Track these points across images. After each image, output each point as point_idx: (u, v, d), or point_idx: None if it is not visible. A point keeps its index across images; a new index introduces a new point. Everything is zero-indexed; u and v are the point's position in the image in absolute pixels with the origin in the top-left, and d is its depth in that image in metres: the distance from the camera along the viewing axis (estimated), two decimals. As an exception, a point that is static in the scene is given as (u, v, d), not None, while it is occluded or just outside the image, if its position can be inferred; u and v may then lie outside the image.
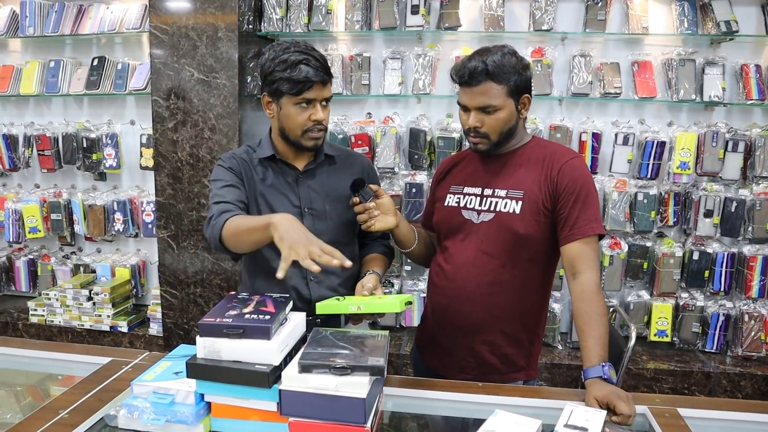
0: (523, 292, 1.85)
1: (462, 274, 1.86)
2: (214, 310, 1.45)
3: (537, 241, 1.81)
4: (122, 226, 3.69)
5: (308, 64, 1.75)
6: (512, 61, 1.77)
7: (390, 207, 1.90)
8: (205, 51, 3.17)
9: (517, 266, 1.82)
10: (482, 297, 1.83)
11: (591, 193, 1.79)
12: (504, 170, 1.86)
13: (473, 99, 1.78)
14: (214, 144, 3.21)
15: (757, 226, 3.19)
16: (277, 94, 1.79)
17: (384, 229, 1.89)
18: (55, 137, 3.73)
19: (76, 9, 3.61)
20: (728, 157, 3.20)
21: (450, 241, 1.92)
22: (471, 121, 1.80)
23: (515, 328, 1.86)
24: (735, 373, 3.18)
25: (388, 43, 3.48)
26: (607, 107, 3.39)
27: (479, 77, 1.74)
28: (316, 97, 1.78)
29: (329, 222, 1.91)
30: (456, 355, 1.90)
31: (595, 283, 1.73)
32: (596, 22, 3.22)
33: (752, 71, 3.19)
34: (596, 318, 1.69)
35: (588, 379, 1.61)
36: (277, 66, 1.76)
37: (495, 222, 1.82)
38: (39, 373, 1.93)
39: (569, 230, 1.77)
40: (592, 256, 1.76)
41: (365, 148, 3.34)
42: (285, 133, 1.84)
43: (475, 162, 1.94)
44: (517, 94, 1.79)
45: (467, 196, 1.90)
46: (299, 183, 1.91)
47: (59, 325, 3.65)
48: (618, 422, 1.46)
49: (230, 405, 1.39)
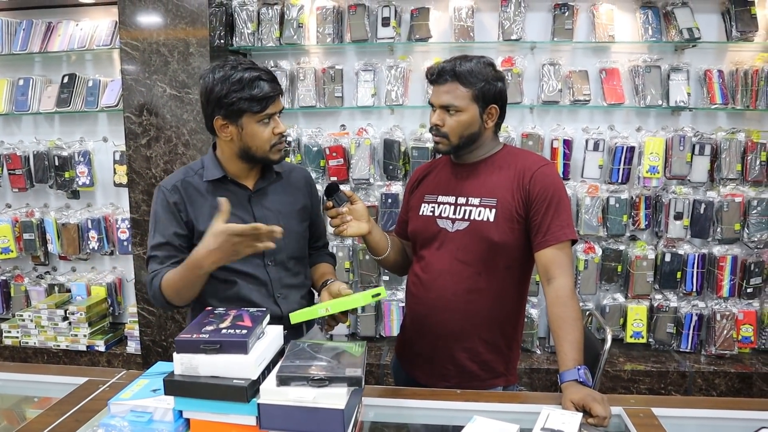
0: (501, 298, 1.87)
1: (439, 283, 1.87)
2: (191, 326, 1.45)
3: (512, 248, 1.83)
4: (97, 244, 3.65)
5: (264, 79, 1.74)
6: (484, 70, 1.80)
7: (363, 213, 1.92)
8: (176, 66, 3.17)
9: (493, 273, 1.84)
10: (459, 304, 1.85)
11: (563, 200, 1.82)
12: (477, 179, 1.88)
13: (438, 97, 1.82)
14: (188, 159, 3.19)
15: (725, 227, 3.27)
16: (236, 115, 1.74)
17: (356, 234, 1.92)
18: (26, 156, 3.68)
19: (44, 26, 3.59)
20: (695, 161, 3.28)
21: (426, 251, 1.94)
22: (434, 118, 1.84)
23: (493, 335, 1.88)
24: (709, 372, 3.24)
25: (360, 55, 3.50)
26: (577, 114, 3.45)
27: (446, 76, 1.80)
28: (275, 110, 1.78)
29: (285, 239, 1.89)
30: (436, 364, 1.91)
31: (569, 288, 1.76)
32: (564, 31, 3.28)
33: (715, 76, 3.27)
34: (571, 322, 1.72)
35: (564, 382, 1.63)
36: (233, 86, 1.71)
37: (469, 230, 1.84)
38: (14, 396, 1.90)
39: (543, 236, 1.79)
40: (565, 261, 1.79)
41: (340, 160, 3.35)
42: (251, 153, 1.80)
43: (448, 170, 1.96)
44: (483, 102, 1.81)
45: (441, 205, 1.91)
46: (252, 202, 1.89)
47: (34, 347, 3.60)
48: (594, 424, 1.49)
49: (209, 421, 1.38)
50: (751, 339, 3.35)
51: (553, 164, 2.01)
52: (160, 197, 1.84)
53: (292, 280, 1.93)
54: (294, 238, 1.94)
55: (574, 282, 1.82)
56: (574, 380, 1.62)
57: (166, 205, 1.83)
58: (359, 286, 3.50)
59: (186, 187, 1.84)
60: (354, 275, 3.49)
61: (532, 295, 3.39)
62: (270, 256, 1.88)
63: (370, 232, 1.94)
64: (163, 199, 1.83)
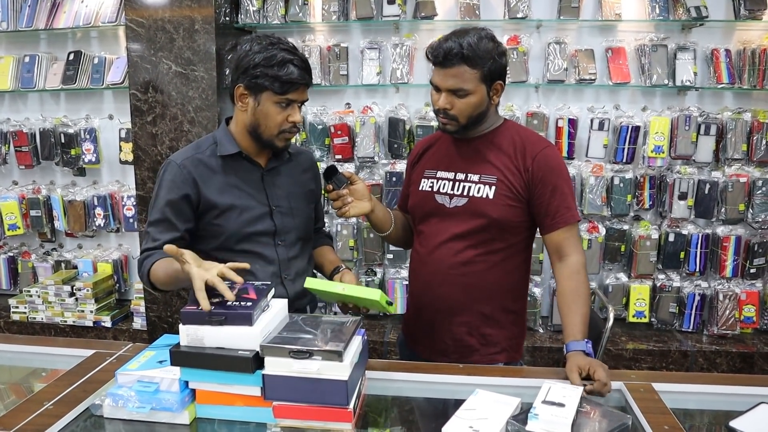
0: (499, 273, 1.87)
1: (435, 257, 1.89)
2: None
3: (511, 226, 1.84)
4: (103, 221, 3.68)
5: (296, 65, 1.72)
6: (489, 46, 1.75)
7: (364, 192, 1.92)
8: (182, 44, 3.16)
9: (490, 248, 1.85)
10: (456, 278, 1.86)
11: (567, 181, 1.84)
12: (477, 155, 1.87)
13: (445, 80, 1.77)
14: (193, 137, 3.20)
15: (729, 207, 3.26)
16: (257, 89, 1.73)
17: (359, 214, 1.91)
18: (32, 133, 3.69)
19: (50, 3, 3.57)
20: (701, 140, 3.27)
21: (424, 225, 1.95)
22: (441, 102, 1.79)
23: (493, 309, 1.89)
24: (711, 351, 3.25)
25: (366, 33, 3.49)
26: (583, 93, 3.44)
27: (453, 60, 1.73)
28: (297, 98, 1.76)
29: (296, 219, 1.91)
30: (436, 339, 1.93)
31: (582, 264, 1.80)
32: (570, 9, 3.26)
33: (722, 56, 3.25)
34: (583, 297, 1.76)
35: (570, 351, 1.66)
36: (264, 60, 1.70)
37: (468, 206, 1.84)
38: (23, 368, 1.94)
39: (551, 219, 1.81)
40: (576, 240, 1.84)
41: (345, 138, 3.35)
42: (258, 131, 1.78)
43: (448, 145, 1.95)
44: (490, 80, 1.78)
45: (440, 180, 1.91)
46: (264, 181, 1.88)
47: (42, 322, 3.64)
48: (594, 390, 1.52)
49: (215, 391, 1.41)
50: (753, 319, 3.36)
51: (554, 146, 2.00)
52: (168, 171, 1.81)
53: (299, 261, 1.94)
54: (303, 219, 1.95)
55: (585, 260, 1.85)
56: (581, 351, 1.65)
57: (171, 179, 1.80)
58: (363, 264, 3.52)
59: (196, 164, 1.82)
60: (358, 253, 3.51)
61: (535, 273, 3.40)
62: (281, 235, 1.89)
63: (373, 210, 1.94)
64: (170, 174, 1.80)
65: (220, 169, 1.83)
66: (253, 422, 1.41)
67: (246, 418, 1.41)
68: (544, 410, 1.34)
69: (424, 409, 1.68)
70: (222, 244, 1.84)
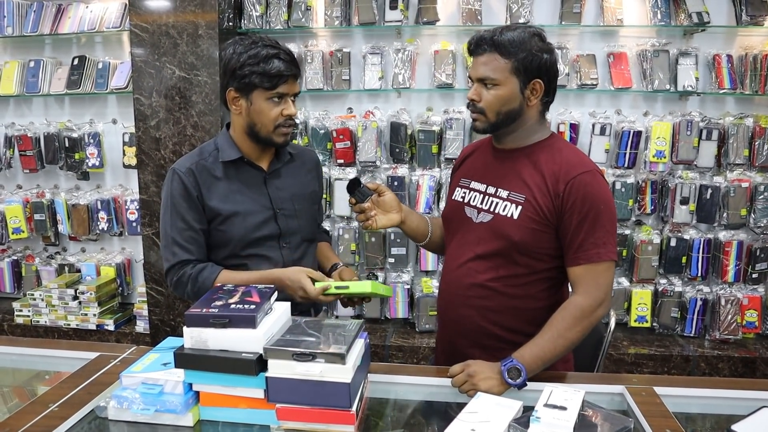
0: (523, 298, 1.75)
1: (456, 277, 1.80)
2: (201, 302, 1.48)
3: (533, 250, 1.71)
4: (106, 225, 3.69)
5: (281, 59, 1.75)
6: (528, 39, 1.63)
7: (393, 203, 1.87)
8: (185, 49, 3.18)
9: (513, 272, 1.73)
10: (475, 300, 1.77)
11: (601, 214, 1.64)
12: (512, 169, 1.75)
13: (476, 69, 1.69)
14: (197, 141, 3.22)
15: (731, 212, 3.27)
16: (248, 89, 1.76)
17: (387, 226, 1.86)
18: (36, 137, 3.71)
19: (55, 8, 3.60)
20: (702, 146, 3.27)
21: (451, 238, 1.87)
22: (470, 92, 1.70)
23: (515, 334, 1.74)
24: (713, 356, 3.25)
25: (368, 38, 3.50)
26: (584, 98, 3.45)
27: (484, 46, 1.66)
28: (287, 91, 1.77)
29: (300, 221, 1.93)
30: (457, 357, 1.77)
31: (579, 307, 1.63)
32: (572, 14, 3.27)
33: (724, 61, 3.26)
34: (555, 332, 1.62)
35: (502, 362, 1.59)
36: (249, 59, 1.73)
37: (492, 224, 1.73)
38: (27, 371, 1.94)
39: (573, 253, 1.66)
40: (593, 281, 1.65)
41: (347, 143, 3.37)
42: (255, 130, 1.80)
43: (487, 155, 1.85)
44: (525, 75, 1.65)
45: (472, 192, 1.82)
46: (267, 184, 1.89)
47: (45, 325, 3.65)
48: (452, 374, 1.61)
49: (218, 393, 1.42)
50: (755, 324, 3.36)
51: (595, 171, 1.70)
52: (175, 181, 1.83)
53: (303, 263, 1.93)
54: (307, 220, 1.96)
55: (598, 307, 1.66)
56: (502, 366, 1.58)
57: (182, 189, 1.82)
58: (365, 268, 3.52)
59: (201, 170, 1.84)
60: (360, 257, 3.52)
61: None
62: (286, 237, 1.90)
63: (403, 221, 1.88)
64: (179, 184, 1.82)
65: (223, 175, 1.85)
66: (256, 424, 1.42)
67: (249, 420, 1.42)
68: (545, 414, 1.34)
69: (426, 412, 1.68)
70: (231, 252, 1.86)
